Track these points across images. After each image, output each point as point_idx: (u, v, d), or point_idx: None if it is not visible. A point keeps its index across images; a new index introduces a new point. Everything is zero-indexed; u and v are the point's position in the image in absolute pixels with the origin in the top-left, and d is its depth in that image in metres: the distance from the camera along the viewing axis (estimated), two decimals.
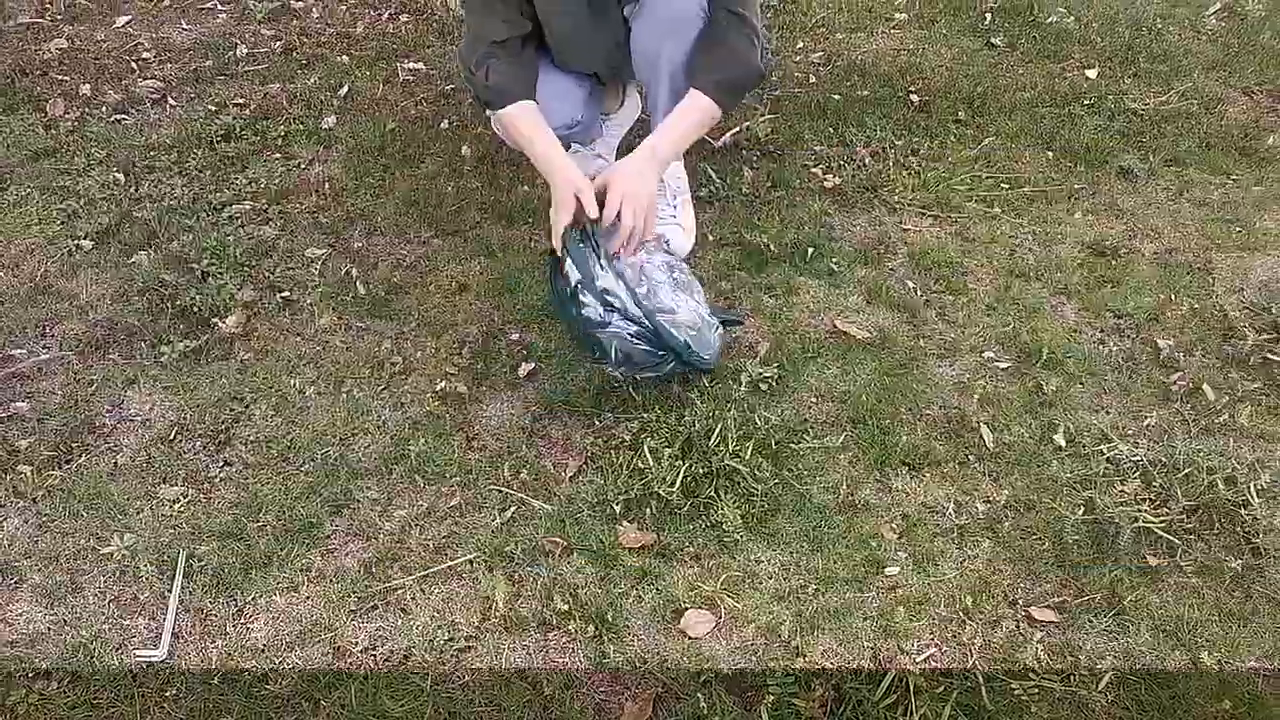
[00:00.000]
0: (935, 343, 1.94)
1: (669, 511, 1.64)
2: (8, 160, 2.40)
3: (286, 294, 2.04)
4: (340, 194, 2.30)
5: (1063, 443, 1.75)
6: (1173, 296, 2.04)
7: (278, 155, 2.43)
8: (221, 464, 1.73)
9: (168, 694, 1.42)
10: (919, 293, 2.05)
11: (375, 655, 1.47)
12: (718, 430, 1.70)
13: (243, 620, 1.51)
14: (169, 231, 2.19)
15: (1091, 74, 2.71)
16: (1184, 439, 1.74)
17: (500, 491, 1.68)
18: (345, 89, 2.65)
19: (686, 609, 1.51)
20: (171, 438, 1.77)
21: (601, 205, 1.73)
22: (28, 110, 2.58)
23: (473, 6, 1.88)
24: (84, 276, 2.09)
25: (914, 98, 2.59)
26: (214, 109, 2.58)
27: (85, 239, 2.17)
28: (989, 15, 2.96)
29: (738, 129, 2.46)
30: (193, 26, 2.97)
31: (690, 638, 1.48)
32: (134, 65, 2.78)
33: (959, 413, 1.80)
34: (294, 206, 2.27)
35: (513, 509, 1.66)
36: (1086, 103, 2.59)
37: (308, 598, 1.53)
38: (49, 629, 1.50)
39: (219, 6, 3.07)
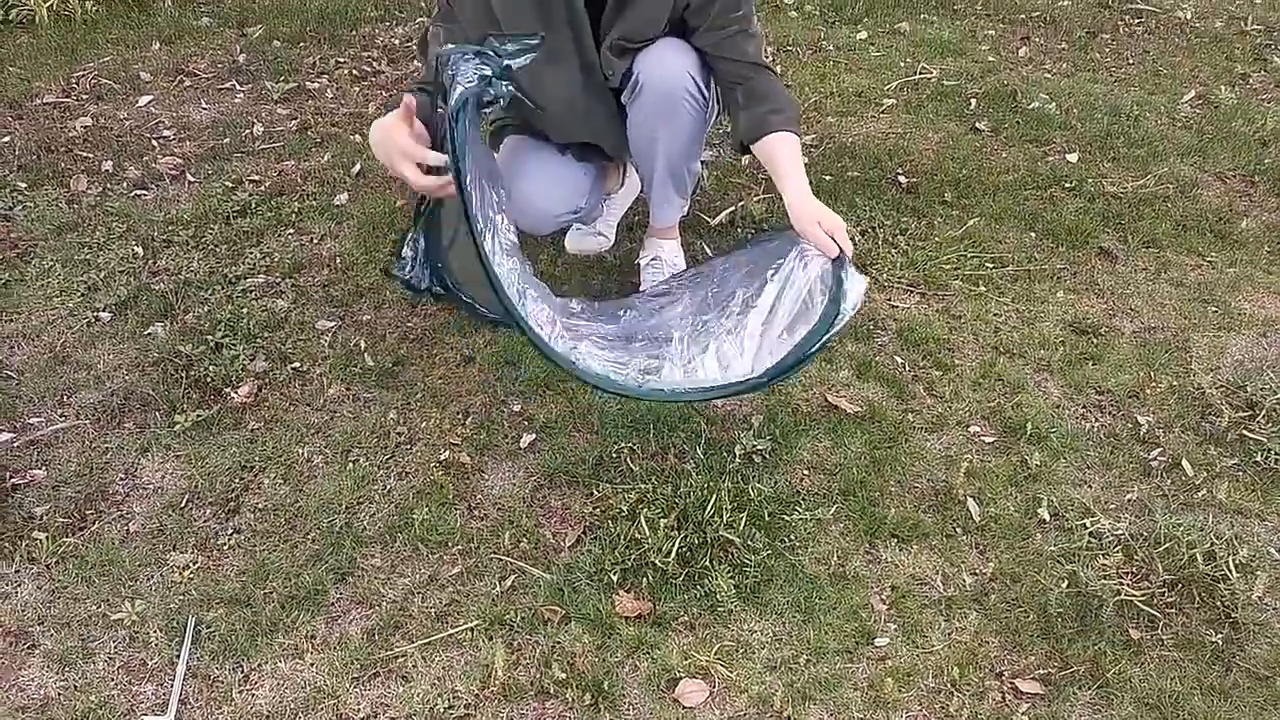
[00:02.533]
0: (923, 417, 2.01)
1: (665, 581, 1.68)
2: (32, 234, 2.50)
3: (297, 365, 2.11)
4: (351, 268, 2.39)
5: (1047, 516, 1.80)
6: (1152, 374, 2.11)
7: (291, 230, 2.53)
8: (231, 531, 1.78)
9: None
10: (907, 368, 2.12)
11: None
12: (712, 501, 1.76)
13: (248, 687, 1.54)
14: (185, 304, 2.27)
15: (1072, 158, 2.82)
16: (1164, 513, 1.80)
17: (501, 560, 1.73)
18: (357, 167, 2.76)
19: (681, 678, 1.55)
20: (182, 505, 1.82)
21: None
22: (52, 185, 2.69)
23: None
24: (102, 347, 2.16)
25: (902, 179, 2.70)
26: (231, 185, 2.69)
27: (104, 310, 2.25)
28: (974, 101, 3.10)
29: (733, 208, 2.57)
30: (211, 105, 3.10)
31: (685, 707, 1.52)
32: (154, 143, 2.90)
33: (946, 486, 1.86)
34: (306, 280, 2.36)
35: (513, 577, 1.70)
36: (1067, 186, 2.70)
37: (312, 664, 1.57)
38: (59, 694, 1.53)
39: (237, 86, 3.21)
